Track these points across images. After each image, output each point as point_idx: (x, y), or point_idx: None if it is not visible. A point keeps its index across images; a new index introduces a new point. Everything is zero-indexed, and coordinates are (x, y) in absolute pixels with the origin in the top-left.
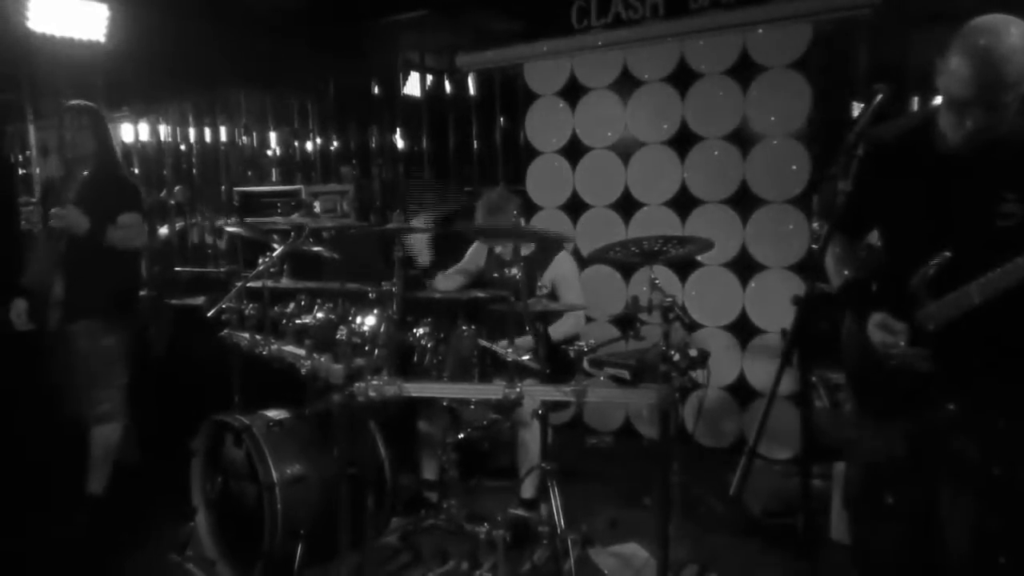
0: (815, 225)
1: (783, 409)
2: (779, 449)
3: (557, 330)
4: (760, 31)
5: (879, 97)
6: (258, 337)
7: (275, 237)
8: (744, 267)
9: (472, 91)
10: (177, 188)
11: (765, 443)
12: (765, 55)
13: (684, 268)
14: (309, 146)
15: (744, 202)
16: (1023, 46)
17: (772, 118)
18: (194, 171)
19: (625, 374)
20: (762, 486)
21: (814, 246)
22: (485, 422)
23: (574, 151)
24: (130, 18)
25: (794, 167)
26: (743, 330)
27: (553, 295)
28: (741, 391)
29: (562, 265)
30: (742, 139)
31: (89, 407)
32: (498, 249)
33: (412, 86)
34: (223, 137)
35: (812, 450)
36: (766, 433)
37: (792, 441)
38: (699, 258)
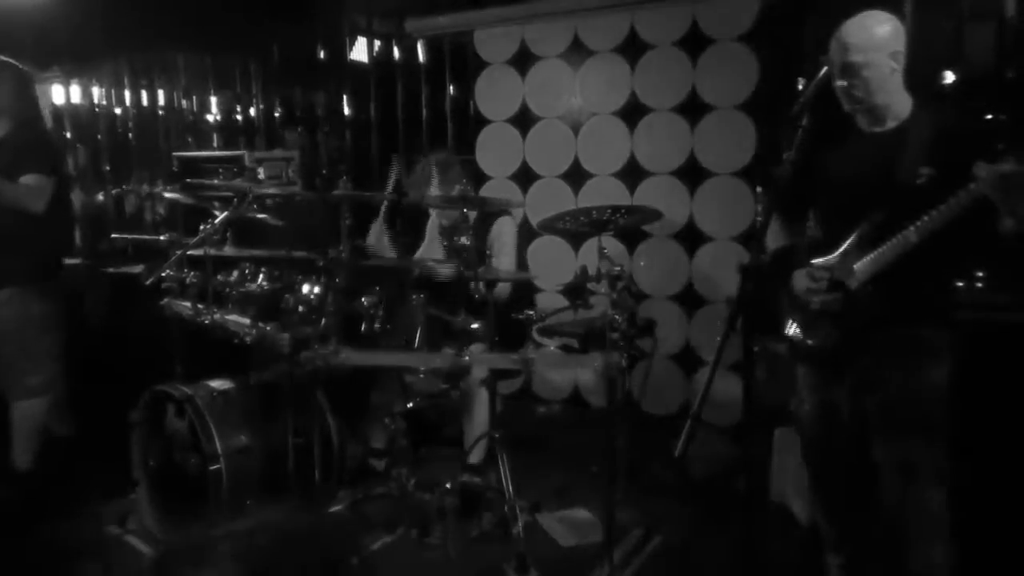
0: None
1: (727, 379)
2: (723, 416)
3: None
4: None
5: (825, 69)
6: (200, 306)
7: (216, 203)
8: (691, 238)
9: (421, 58)
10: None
11: (710, 411)
12: (714, 27)
13: (632, 239)
14: (252, 111)
15: (692, 174)
16: (871, 22)
17: (720, 90)
18: (130, 135)
19: (574, 343)
20: (706, 452)
21: (759, 218)
22: (434, 391)
23: (524, 120)
24: None
25: (741, 140)
26: (689, 300)
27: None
28: (687, 360)
29: (499, 228)
30: (691, 111)
31: (16, 379)
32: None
33: (360, 51)
34: (161, 100)
35: (753, 417)
36: (711, 402)
37: (735, 409)
38: (647, 229)
